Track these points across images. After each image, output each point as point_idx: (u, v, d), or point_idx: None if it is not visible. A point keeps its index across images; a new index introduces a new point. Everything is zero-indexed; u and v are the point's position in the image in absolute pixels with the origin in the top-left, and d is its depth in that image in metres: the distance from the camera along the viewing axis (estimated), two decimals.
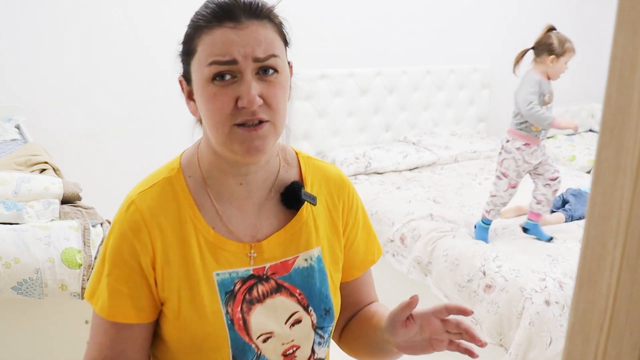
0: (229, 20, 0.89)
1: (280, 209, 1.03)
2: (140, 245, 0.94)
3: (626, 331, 0.41)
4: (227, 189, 0.99)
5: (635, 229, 0.39)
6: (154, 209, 0.96)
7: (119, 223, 0.97)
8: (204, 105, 0.92)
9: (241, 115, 0.89)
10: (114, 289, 0.95)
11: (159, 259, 0.95)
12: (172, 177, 0.99)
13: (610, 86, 0.40)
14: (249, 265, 0.99)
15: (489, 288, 2.53)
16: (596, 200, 0.41)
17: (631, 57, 0.38)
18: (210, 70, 0.89)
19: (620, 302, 0.41)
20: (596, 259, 0.42)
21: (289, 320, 1.00)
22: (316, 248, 1.04)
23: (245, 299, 0.97)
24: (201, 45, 0.91)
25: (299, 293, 1.01)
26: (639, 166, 0.38)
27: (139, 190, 0.98)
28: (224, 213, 0.99)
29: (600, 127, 0.41)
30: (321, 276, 1.04)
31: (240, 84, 0.89)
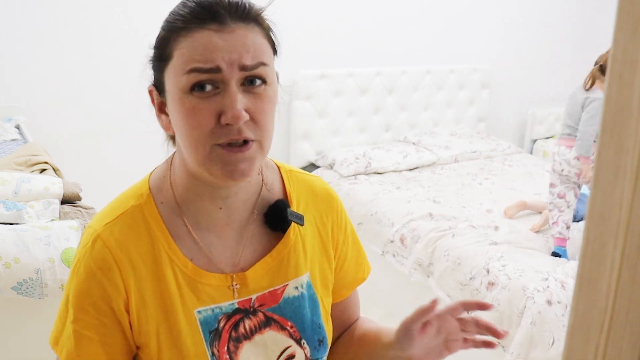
0: (213, 21, 0.77)
1: (264, 232, 0.92)
2: (110, 286, 0.82)
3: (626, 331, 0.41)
4: (204, 215, 0.87)
5: (635, 229, 0.39)
6: (124, 243, 0.83)
7: (83, 261, 0.84)
8: (180, 120, 0.79)
9: (225, 135, 0.77)
10: (81, 336, 0.84)
11: (134, 299, 0.83)
12: (141, 205, 0.86)
13: (610, 86, 0.40)
14: (233, 299, 0.88)
15: (491, 285, 2.53)
16: (596, 200, 0.41)
17: (631, 57, 0.38)
18: (189, 79, 0.76)
19: (620, 302, 0.41)
20: (596, 259, 0.42)
21: (280, 356, 0.90)
22: (305, 274, 0.93)
23: (232, 337, 0.87)
24: (178, 49, 0.78)
25: (291, 325, 0.91)
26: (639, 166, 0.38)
27: (104, 221, 0.85)
28: (203, 242, 0.87)
29: (600, 127, 0.41)
30: (312, 304, 0.93)
31: (224, 96, 0.76)
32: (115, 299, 0.83)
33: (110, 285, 0.82)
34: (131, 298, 0.83)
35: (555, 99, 5.00)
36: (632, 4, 0.38)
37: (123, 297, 0.83)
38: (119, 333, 0.84)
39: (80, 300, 0.83)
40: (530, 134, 4.90)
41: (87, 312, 0.83)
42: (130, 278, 0.83)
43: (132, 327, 0.85)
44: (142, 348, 0.86)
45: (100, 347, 0.84)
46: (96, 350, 0.84)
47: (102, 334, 0.83)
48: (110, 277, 0.82)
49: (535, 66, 4.79)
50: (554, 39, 4.81)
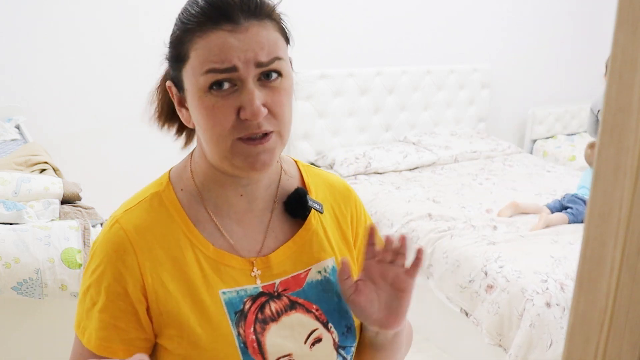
0: (226, 21, 0.79)
1: (285, 220, 0.94)
2: (126, 269, 0.83)
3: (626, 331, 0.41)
4: (225, 202, 0.89)
5: (635, 229, 0.39)
6: (141, 226, 0.85)
7: (101, 244, 0.86)
8: (200, 118, 0.82)
9: (245, 129, 0.80)
10: (100, 319, 0.84)
11: (150, 282, 0.84)
12: (160, 192, 0.89)
13: (610, 86, 0.40)
14: (256, 283, 0.89)
15: (490, 288, 2.53)
16: (596, 200, 0.41)
17: (631, 57, 0.38)
18: (207, 79, 0.79)
19: (620, 302, 0.41)
20: (596, 259, 0.42)
21: (308, 339, 0.89)
22: (330, 259, 0.95)
23: (258, 319, 0.87)
24: (194, 50, 0.80)
25: (316, 309, 0.91)
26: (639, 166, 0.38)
27: (125, 208, 0.89)
28: (224, 228, 0.89)
29: (600, 127, 0.41)
30: (339, 289, 0.93)
31: (242, 93, 0.79)
32: (131, 282, 0.83)
33: (125, 267, 0.83)
34: (147, 280, 0.84)
35: (555, 99, 5.00)
36: (632, 4, 0.38)
37: (139, 281, 0.83)
38: (134, 318, 0.84)
39: (97, 283, 0.84)
40: (530, 134, 4.90)
41: (103, 294, 0.84)
42: (147, 260, 0.84)
43: (150, 313, 0.84)
44: (162, 334, 0.85)
45: (114, 330, 0.84)
46: (111, 334, 0.84)
47: (116, 317, 0.84)
48: (125, 260, 0.83)
49: (535, 66, 4.79)
50: (554, 39, 4.81)
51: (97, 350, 0.84)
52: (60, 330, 1.82)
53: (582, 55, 4.97)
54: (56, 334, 1.82)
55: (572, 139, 4.90)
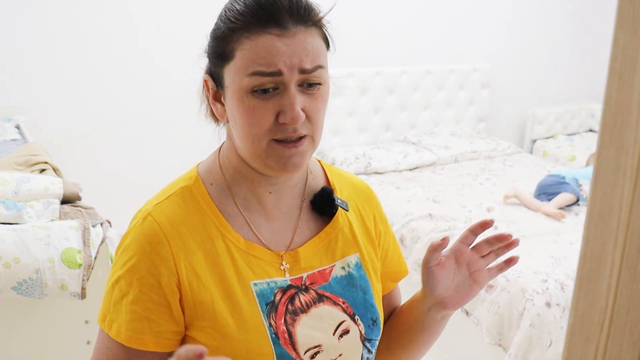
0: (275, 26, 0.80)
1: (312, 217, 0.96)
2: (160, 260, 0.84)
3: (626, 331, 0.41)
4: (254, 198, 0.91)
5: (635, 229, 0.39)
6: (174, 219, 0.86)
7: (134, 237, 0.86)
8: (239, 117, 0.83)
9: (281, 132, 0.82)
10: (129, 311, 0.84)
11: (185, 272, 0.85)
12: (190, 186, 0.90)
13: (610, 86, 0.40)
14: (285, 276, 0.91)
15: (490, 288, 2.53)
16: (596, 200, 0.41)
17: (631, 57, 0.38)
18: (251, 81, 0.81)
19: (620, 302, 0.41)
20: (596, 259, 0.42)
21: (337, 330, 0.91)
22: (354, 255, 0.97)
23: (288, 310, 0.89)
24: (241, 50, 0.81)
25: (342, 302, 0.93)
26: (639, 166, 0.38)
27: (155, 202, 0.90)
28: (253, 222, 0.91)
29: (600, 127, 0.41)
30: (363, 284, 0.96)
31: (283, 97, 0.81)
32: (165, 274, 0.84)
33: (160, 259, 0.84)
34: (181, 272, 0.84)
35: (555, 99, 5.00)
36: (632, 4, 0.38)
37: (173, 272, 0.84)
38: (166, 310, 0.84)
39: (129, 275, 0.84)
40: (530, 134, 4.89)
41: (136, 286, 0.84)
42: (181, 252, 0.85)
43: (183, 304, 0.85)
44: (196, 323, 0.85)
45: (146, 322, 0.84)
46: (142, 326, 0.84)
47: (149, 309, 0.84)
48: (159, 251, 0.84)
49: (535, 66, 4.79)
50: (554, 39, 4.81)
51: (128, 342, 0.84)
52: (60, 330, 1.82)
53: (582, 55, 4.96)
54: (56, 334, 1.82)
55: (572, 139, 4.90)
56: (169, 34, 3.36)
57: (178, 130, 3.51)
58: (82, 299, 1.72)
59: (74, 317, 1.82)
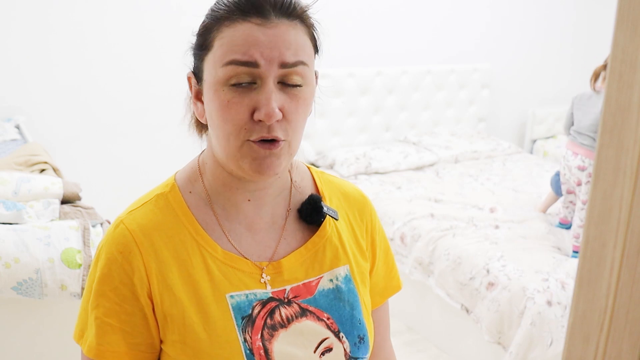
0: (256, 15, 0.76)
1: (299, 228, 0.91)
2: (131, 269, 0.80)
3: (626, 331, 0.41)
4: (233, 206, 0.86)
5: (635, 229, 0.39)
6: (146, 227, 0.82)
7: (105, 246, 0.83)
8: (214, 112, 0.79)
9: (256, 131, 0.77)
10: (102, 323, 0.81)
11: (156, 283, 0.81)
12: (166, 193, 0.86)
13: (610, 86, 0.40)
14: (266, 288, 0.85)
15: (491, 286, 2.53)
16: (596, 200, 0.41)
17: (631, 57, 0.38)
18: (227, 71, 0.77)
19: (620, 302, 0.41)
20: (596, 259, 0.42)
21: (318, 347, 0.86)
22: (343, 267, 0.91)
23: (267, 324, 0.83)
24: (219, 39, 0.78)
25: (327, 317, 0.87)
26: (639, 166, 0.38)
27: (129, 210, 0.86)
28: (231, 232, 0.86)
29: (600, 127, 0.41)
30: (352, 298, 0.90)
31: (259, 92, 0.77)
32: (138, 282, 0.80)
33: (132, 268, 0.81)
34: (152, 282, 0.81)
35: (555, 99, 5.00)
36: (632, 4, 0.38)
37: (144, 281, 0.81)
38: (141, 321, 0.81)
39: (101, 286, 0.81)
40: (531, 134, 4.90)
41: (108, 297, 0.81)
42: (152, 261, 0.81)
43: (155, 315, 0.82)
44: (166, 338, 0.82)
45: (120, 335, 0.81)
46: (117, 339, 0.81)
47: (123, 321, 0.81)
48: (131, 261, 0.81)
49: (535, 66, 4.79)
50: (554, 39, 4.81)
51: (103, 357, 0.81)
52: (60, 330, 1.82)
53: (582, 56, 4.96)
54: (56, 334, 1.82)
55: None
56: (169, 34, 3.36)
57: (178, 130, 3.51)
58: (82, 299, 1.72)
59: (74, 317, 1.82)
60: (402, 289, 1.06)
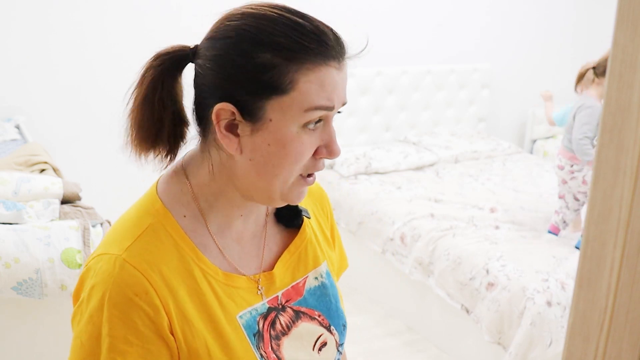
0: (333, 58, 0.77)
1: (277, 231, 0.93)
2: (152, 310, 0.77)
3: (626, 331, 0.41)
4: (227, 222, 0.87)
5: (635, 229, 0.39)
6: (153, 262, 0.79)
7: (115, 290, 0.77)
8: (281, 153, 0.77)
9: (314, 167, 0.80)
10: None
11: (176, 319, 0.79)
12: (160, 221, 0.82)
13: (610, 86, 0.40)
14: (262, 299, 0.88)
15: (491, 286, 2.53)
16: (596, 200, 0.41)
17: (631, 57, 0.38)
18: (310, 116, 0.76)
19: (620, 302, 0.41)
20: (596, 259, 0.42)
21: (316, 344, 0.91)
22: (323, 263, 0.96)
23: (272, 336, 0.87)
24: (303, 83, 0.75)
25: (318, 314, 0.92)
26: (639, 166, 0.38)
27: (123, 244, 0.80)
28: (225, 249, 0.86)
29: (600, 127, 0.41)
30: (333, 291, 0.96)
31: (323, 132, 0.79)
32: (160, 322, 0.78)
33: (151, 309, 0.77)
34: (173, 319, 0.79)
35: (555, 99, 5.00)
36: (632, 4, 0.38)
37: (166, 319, 0.78)
38: (166, 358, 0.79)
39: (121, 332, 0.77)
40: (531, 134, 4.90)
41: (131, 342, 0.77)
42: (168, 298, 0.79)
43: (178, 349, 0.80)
44: None
45: None
46: None
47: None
48: (148, 301, 0.77)
49: (535, 66, 4.79)
50: (554, 38, 4.81)
51: None
52: (60, 330, 1.82)
53: (582, 56, 4.96)
54: (56, 334, 1.82)
55: None
56: (169, 34, 3.36)
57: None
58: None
59: None
60: (402, 289, 1.11)
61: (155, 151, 0.86)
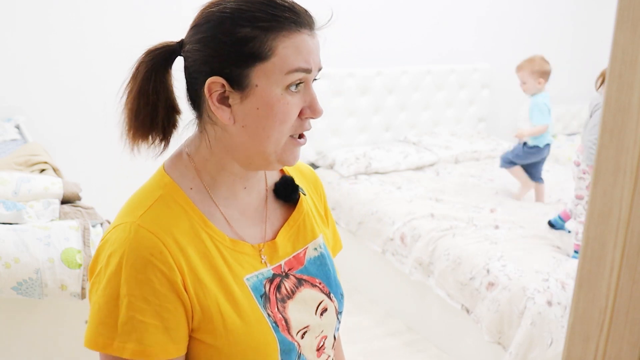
0: (305, 26, 0.87)
1: (277, 206, 1.01)
2: (167, 269, 0.84)
3: (626, 331, 0.41)
4: (232, 195, 0.94)
5: (635, 229, 0.39)
6: (166, 226, 0.86)
7: (132, 253, 0.84)
8: (270, 114, 0.85)
9: (302, 127, 0.89)
10: (147, 326, 0.83)
11: (189, 278, 0.86)
12: (170, 192, 0.90)
13: (610, 86, 0.40)
14: (266, 266, 0.95)
15: (491, 286, 2.53)
16: (596, 200, 0.41)
17: (631, 57, 0.38)
18: (291, 78, 0.85)
19: (620, 302, 0.41)
20: (596, 259, 0.42)
21: (318, 309, 0.99)
22: (320, 236, 1.04)
23: (277, 298, 0.94)
24: (281, 49, 0.84)
25: (319, 282, 1.00)
26: (639, 166, 0.38)
27: (137, 212, 0.87)
28: (231, 219, 0.94)
29: (600, 127, 0.41)
30: (331, 262, 1.04)
31: (305, 94, 0.88)
32: (174, 280, 0.84)
33: (166, 268, 0.84)
34: (186, 278, 0.86)
35: (555, 99, 4.99)
36: (632, 4, 0.38)
37: (180, 279, 0.85)
38: (181, 317, 0.86)
39: (139, 291, 0.83)
40: None
41: (149, 301, 0.83)
42: (181, 258, 0.86)
43: (192, 307, 0.86)
44: (202, 326, 0.87)
45: (166, 332, 0.84)
46: (162, 337, 0.84)
47: (166, 319, 0.84)
48: (163, 260, 0.84)
49: None
50: (554, 39, 4.81)
51: (151, 356, 0.84)
52: (60, 330, 1.82)
53: (582, 55, 4.96)
54: (56, 334, 1.82)
55: (572, 139, 4.89)
56: (169, 34, 3.36)
57: (178, 130, 3.51)
58: (82, 299, 1.72)
59: (74, 317, 1.82)
60: (402, 289, 1.14)
61: (151, 138, 0.94)
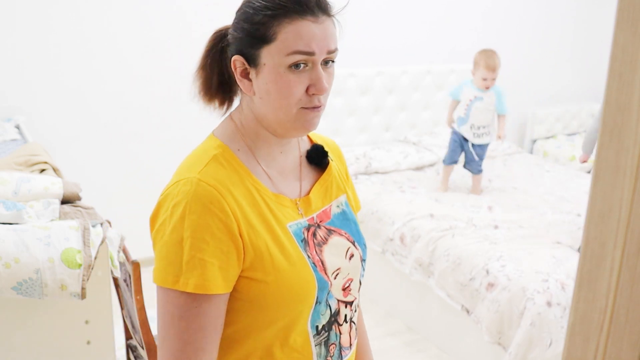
0: (309, 14, 1.00)
1: (309, 169, 1.19)
2: (224, 216, 0.99)
3: (626, 331, 0.41)
4: (271, 158, 1.11)
5: (635, 229, 0.39)
6: (221, 180, 1.02)
7: (193, 201, 0.99)
8: (275, 89, 1.01)
9: (309, 101, 1.03)
10: (207, 264, 0.98)
11: (243, 224, 1.01)
12: (222, 153, 1.07)
13: (610, 86, 0.40)
14: (302, 217, 1.12)
15: (491, 286, 2.53)
16: (596, 200, 0.41)
17: (631, 57, 0.38)
18: (291, 59, 0.99)
19: (620, 302, 0.41)
20: (596, 259, 0.42)
21: (346, 254, 1.15)
22: (343, 195, 1.21)
23: (315, 243, 1.10)
24: (283, 33, 0.99)
25: (345, 233, 1.17)
26: (639, 166, 0.38)
27: (196, 169, 1.03)
28: (272, 176, 1.11)
29: (600, 127, 0.41)
30: (353, 218, 1.21)
31: (312, 73, 1.02)
32: (231, 227, 0.99)
33: (224, 215, 0.99)
34: (240, 223, 1.01)
35: (555, 99, 5.00)
36: (632, 4, 0.38)
37: (235, 225, 1.00)
38: (234, 257, 1.00)
39: (200, 234, 0.98)
40: (531, 134, 4.89)
41: (207, 242, 0.98)
42: (235, 207, 1.01)
43: (245, 251, 1.01)
44: (255, 265, 1.02)
45: (219, 271, 0.99)
46: (217, 274, 0.99)
47: (221, 259, 0.99)
48: (222, 209, 0.99)
49: (535, 66, 4.79)
50: (554, 39, 4.81)
51: (204, 290, 0.98)
52: (60, 330, 1.82)
53: (582, 55, 4.96)
54: (56, 334, 1.82)
55: (572, 139, 4.90)
56: (169, 34, 3.36)
57: (178, 130, 3.51)
58: (82, 299, 1.72)
59: (74, 317, 1.82)
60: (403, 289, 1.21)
61: (217, 100, 1.12)
